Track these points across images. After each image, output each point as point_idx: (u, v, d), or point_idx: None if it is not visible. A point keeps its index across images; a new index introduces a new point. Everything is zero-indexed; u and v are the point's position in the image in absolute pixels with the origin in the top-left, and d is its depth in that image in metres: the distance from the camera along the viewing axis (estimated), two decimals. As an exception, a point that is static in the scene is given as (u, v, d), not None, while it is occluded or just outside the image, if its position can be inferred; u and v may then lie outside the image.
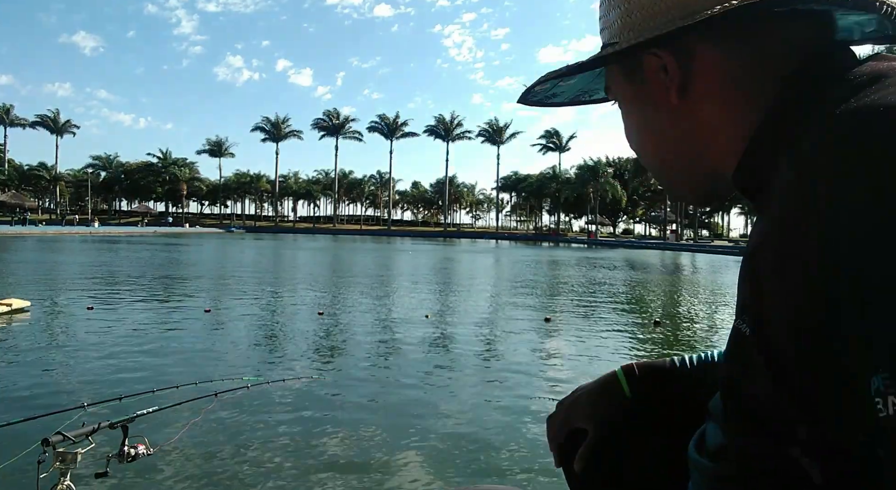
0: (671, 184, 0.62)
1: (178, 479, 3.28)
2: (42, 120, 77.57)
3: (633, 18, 0.56)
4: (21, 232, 41.52)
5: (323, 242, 44.73)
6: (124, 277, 14.71)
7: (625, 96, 0.61)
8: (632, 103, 0.60)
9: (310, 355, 6.63)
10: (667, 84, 0.55)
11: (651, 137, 0.60)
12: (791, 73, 0.52)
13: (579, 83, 0.69)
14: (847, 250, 0.37)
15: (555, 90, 0.68)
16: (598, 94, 0.72)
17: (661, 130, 0.58)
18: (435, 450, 3.86)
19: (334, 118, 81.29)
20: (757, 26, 0.53)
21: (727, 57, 0.53)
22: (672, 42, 0.54)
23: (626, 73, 0.59)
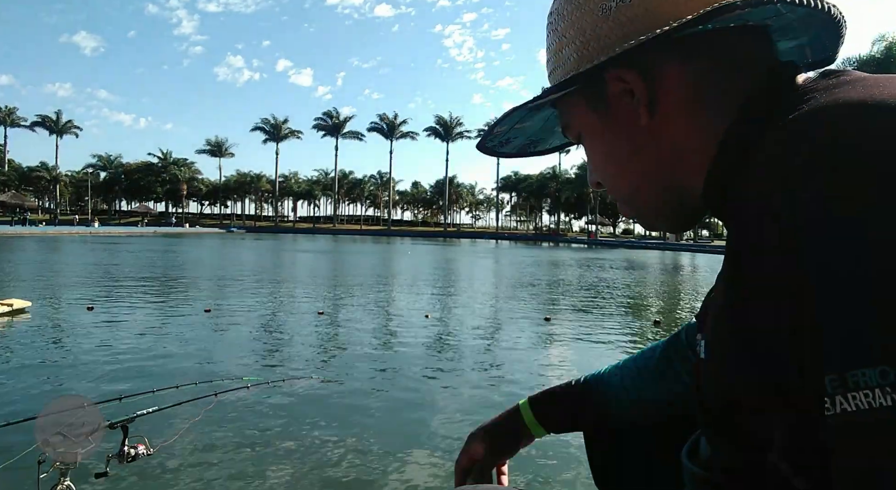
0: (646, 212, 0.61)
1: (178, 479, 3.28)
2: (43, 120, 77.54)
3: (590, 50, 0.55)
4: (21, 232, 41.52)
5: (323, 243, 44.72)
6: (124, 277, 14.71)
7: (589, 127, 0.60)
8: (597, 132, 0.59)
9: (310, 355, 6.63)
10: (633, 106, 0.55)
11: (621, 164, 0.59)
12: (749, 89, 0.53)
13: (531, 128, 0.69)
14: (809, 248, 0.39)
15: (510, 135, 0.69)
16: (544, 143, 0.73)
17: (631, 155, 0.58)
18: (435, 449, 3.86)
19: (334, 118, 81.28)
20: (712, 42, 0.53)
21: (689, 74, 0.54)
22: (636, 61, 0.54)
23: (589, 102, 0.58)
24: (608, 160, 0.60)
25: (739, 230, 0.47)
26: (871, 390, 0.35)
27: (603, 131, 0.59)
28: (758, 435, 0.47)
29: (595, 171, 0.62)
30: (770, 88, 0.52)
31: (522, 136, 0.71)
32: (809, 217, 0.39)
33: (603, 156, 0.60)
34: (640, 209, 0.61)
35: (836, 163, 0.39)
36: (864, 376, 0.35)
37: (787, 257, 0.40)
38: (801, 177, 0.40)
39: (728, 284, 0.48)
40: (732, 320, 0.47)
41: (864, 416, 0.36)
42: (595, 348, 7.49)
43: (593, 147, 0.61)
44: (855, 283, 0.37)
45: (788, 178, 0.41)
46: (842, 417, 0.36)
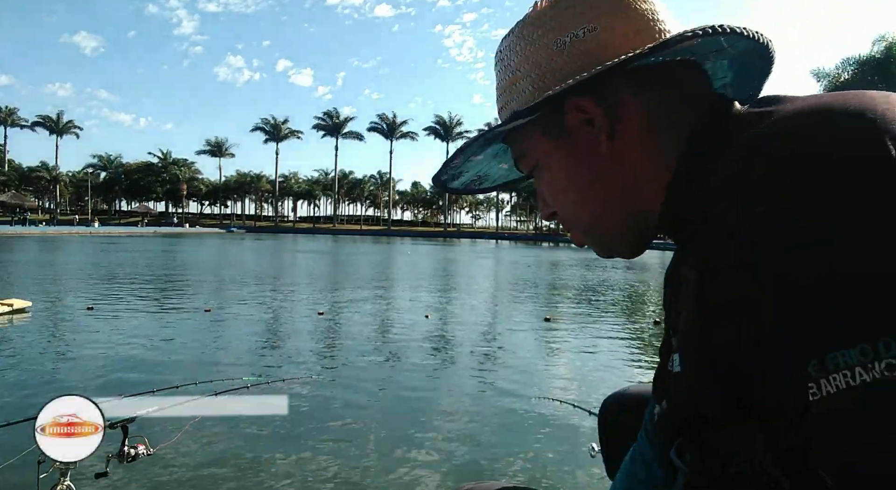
0: (608, 238, 0.62)
1: (178, 479, 3.29)
2: (43, 120, 77.52)
3: (546, 82, 0.57)
4: (21, 232, 41.52)
5: (323, 243, 44.73)
6: (124, 277, 14.71)
7: (547, 157, 0.60)
8: (557, 161, 0.60)
9: (310, 355, 6.63)
10: (594, 134, 0.57)
11: (583, 192, 0.60)
12: (693, 122, 0.56)
13: (479, 163, 0.70)
14: (764, 261, 0.41)
15: (463, 168, 0.70)
16: (488, 180, 0.75)
17: (592, 182, 0.59)
18: (435, 449, 3.86)
19: (334, 118, 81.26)
20: (662, 75, 0.57)
21: (643, 104, 0.57)
22: (594, 90, 0.56)
23: (547, 132, 0.59)
24: (569, 188, 0.61)
25: (696, 254, 0.50)
26: (851, 370, 0.37)
27: (563, 160, 0.60)
28: (720, 450, 0.50)
29: (552, 200, 0.63)
30: (712, 121, 0.55)
31: (471, 171, 0.72)
32: (765, 230, 0.41)
33: (563, 185, 0.61)
34: (601, 236, 0.62)
35: (794, 173, 0.41)
36: (843, 357, 0.37)
37: (742, 273, 0.43)
38: (756, 191, 0.43)
39: (692, 305, 0.51)
40: (698, 339, 0.50)
41: (849, 395, 0.37)
42: (595, 348, 7.48)
43: (552, 177, 0.61)
44: (820, 282, 0.39)
45: (745, 194, 0.44)
46: (827, 400, 0.38)
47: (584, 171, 0.59)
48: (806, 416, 0.39)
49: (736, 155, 0.47)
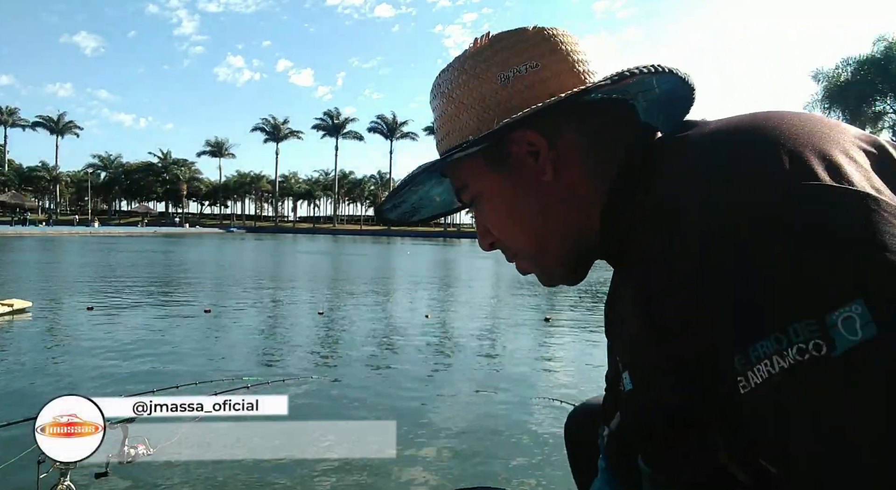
0: (550, 266, 0.64)
1: (178, 479, 3.29)
2: (44, 121, 77.50)
3: (490, 114, 0.59)
4: (21, 232, 41.52)
5: (323, 243, 44.72)
6: (124, 278, 14.71)
7: (490, 188, 0.62)
8: (500, 192, 0.61)
9: (310, 355, 6.63)
10: (539, 166, 0.59)
11: (527, 222, 0.61)
12: (627, 150, 0.59)
13: (417, 194, 0.72)
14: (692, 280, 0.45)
15: (404, 197, 0.71)
16: (422, 211, 0.77)
17: (538, 213, 0.60)
18: (434, 449, 3.86)
19: (334, 118, 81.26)
20: (599, 111, 0.60)
21: (583, 138, 0.60)
22: (538, 124, 0.58)
23: (490, 164, 0.61)
24: (513, 218, 0.62)
25: (633, 280, 0.54)
26: (769, 358, 0.40)
27: (507, 191, 0.61)
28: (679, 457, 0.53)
29: (496, 230, 0.64)
30: (639, 153, 0.59)
31: (408, 202, 0.73)
32: (689, 254, 0.45)
33: (507, 215, 0.62)
34: (545, 265, 0.64)
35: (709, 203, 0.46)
36: (762, 347, 0.40)
37: (676, 294, 0.46)
38: (676, 220, 0.47)
39: (637, 328, 0.54)
40: (647, 358, 0.53)
41: (771, 382, 0.40)
42: (595, 348, 7.48)
43: (494, 207, 0.62)
44: (738, 289, 0.42)
45: (666, 223, 0.48)
46: (755, 391, 0.41)
47: (529, 201, 0.60)
48: (741, 409, 0.42)
49: (658, 189, 0.52)
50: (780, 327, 0.40)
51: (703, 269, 0.44)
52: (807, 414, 0.38)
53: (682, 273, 0.46)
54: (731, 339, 0.42)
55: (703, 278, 0.44)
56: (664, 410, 0.52)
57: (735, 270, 0.42)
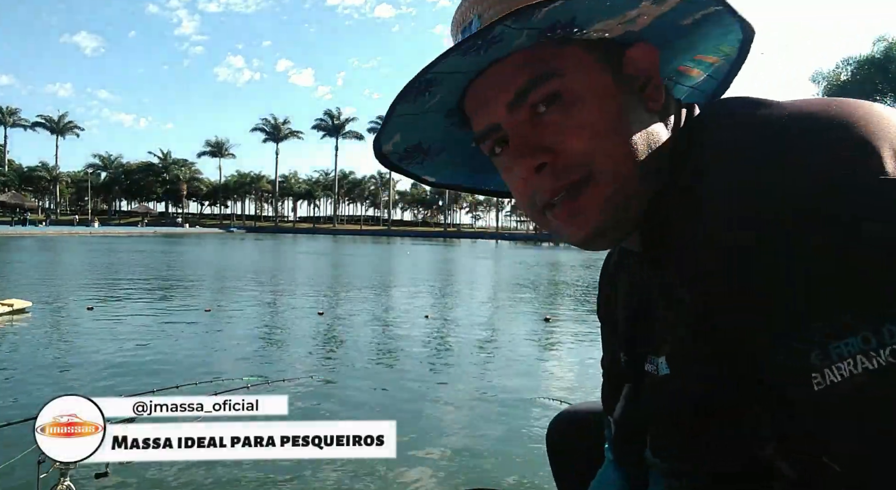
0: (601, 205, 0.52)
1: (178, 479, 3.29)
2: (44, 121, 77.49)
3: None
4: (21, 232, 41.52)
5: (323, 243, 44.72)
6: (124, 278, 14.71)
7: (591, 88, 0.51)
8: (602, 96, 0.51)
9: (310, 355, 6.63)
10: (648, 91, 0.53)
11: (620, 140, 0.51)
12: (676, 114, 0.56)
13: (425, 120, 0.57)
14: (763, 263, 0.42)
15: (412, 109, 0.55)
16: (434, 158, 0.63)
17: (635, 136, 0.52)
18: (434, 449, 3.86)
19: (334, 118, 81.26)
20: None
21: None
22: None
23: (604, 60, 0.52)
24: (608, 133, 0.51)
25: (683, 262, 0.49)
26: (853, 357, 0.38)
27: (613, 100, 0.52)
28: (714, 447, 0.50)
29: (568, 141, 0.51)
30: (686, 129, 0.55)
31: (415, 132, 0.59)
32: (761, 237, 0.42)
33: (605, 124, 0.51)
34: (602, 201, 0.52)
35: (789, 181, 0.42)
36: (847, 346, 0.38)
37: (739, 276, 0.43)
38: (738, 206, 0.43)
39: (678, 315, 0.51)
40: (687, 345, 0.50)
41: (853, 383, 0.38)
42: (595, 348, 7.47)
43: (593, 112, 0.51)
44: (822, 279, 0.40)
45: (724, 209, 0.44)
46: (831, 389, 0.39)
47: (630, 122, 0.51)
48: (810, 405, 0.40)
49: (714, 170, 0.47)
50: (872, 328, 0.38)
51: (774, 260, 0.41)
52: (889, 419, 0.37)
53: (749, 255, 0.42)
54: (808, 333, 0.40)
55: (778, 262, 0.41)
56: (698, 398, 0.50)
57: (819, 258, 0.40)
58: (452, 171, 0.69)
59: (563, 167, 0.51)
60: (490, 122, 0.54)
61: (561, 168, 0.51)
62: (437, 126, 0.59)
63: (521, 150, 0.52)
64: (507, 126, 0.53)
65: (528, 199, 0.55)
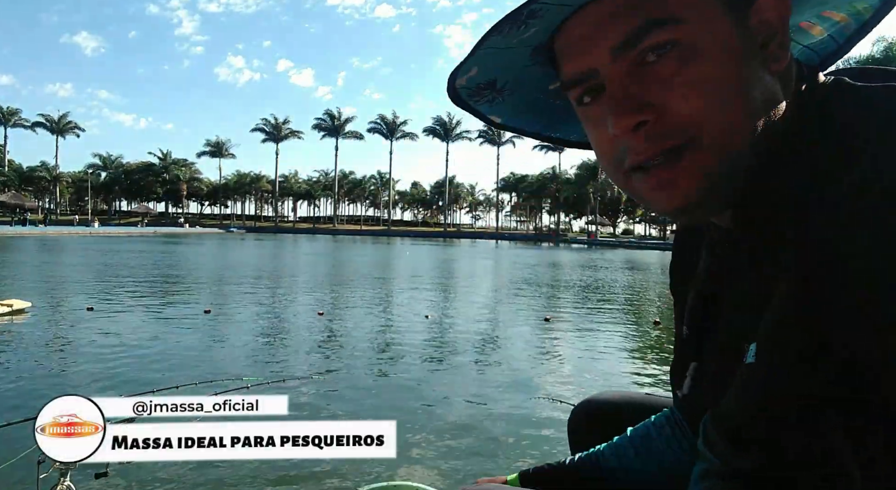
0: (702, 168, 0.46)
1: (178, 479, 3.28)
2: (44, 120, 77.49)
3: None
4: (21, 232, 41.50)
5: (323, 243, 44.73)
6: (124, 278, 14.70)
7: (715, 40, 0.45)
8: (725, 50, 0.45)
9: (310, 355, 6.63)
10: (776, 42, 0.47)
11: (740, 100, 0.45)
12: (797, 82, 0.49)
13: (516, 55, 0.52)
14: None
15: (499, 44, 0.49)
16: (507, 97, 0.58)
17: (755, 96, 0.46)
18: (435, 449, 3.86)
19: (335, 118, 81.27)
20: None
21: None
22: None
23: (732, 10, 0.46)
24: (722, 87, 0.45)
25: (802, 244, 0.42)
26: None
27: (736, 55, 0.45)
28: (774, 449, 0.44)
29: (688, 94, 0.45)
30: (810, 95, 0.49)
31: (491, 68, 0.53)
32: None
33: (727, 81, 0.45)
34: (705, 164, 0.46)
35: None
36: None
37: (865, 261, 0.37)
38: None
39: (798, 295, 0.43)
40: (784, 335, 0.43)
41: None
42: (595, 349, 7.49)
43: (704, 65, 0.45)
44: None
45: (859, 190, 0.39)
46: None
47: (753, 81, 0.46)
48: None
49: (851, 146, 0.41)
50: None
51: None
52: None
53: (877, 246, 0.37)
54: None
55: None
56: (782, 394, 0.43)
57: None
58: (522, 115, 0.62)
59: (665, 128, 0.46)
60: (587, 67, 0.48)
61: (662, 129, 0.46)
62: (518, 63, 0.53)
63: (620, 103, 0.46)
64: (606, 73, 0.47)
65: (614, 158, 0.49)
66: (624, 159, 0.48)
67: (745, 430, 0.47)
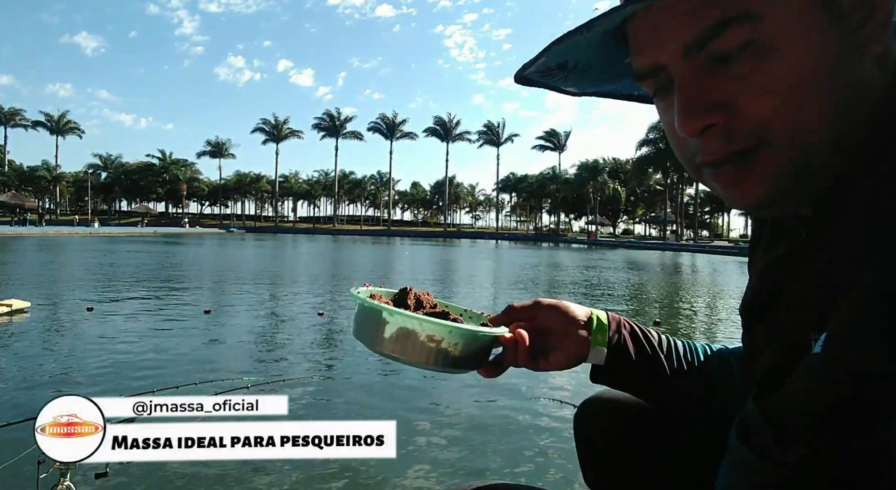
0: (780, 168, 0.44)
1: (178, 479, 3.28)
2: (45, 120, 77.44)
3: None
4: (21, 232, 41.51)
5: (323, 243, 44.73)
6: (124, 278, 14.71)
7: (797, 35, 0.41)
8: (811, 45, 0.41)
9: (310, 355, 6.63)
10: (876, 21, 0.42)
11: (816, 102, 0.42)
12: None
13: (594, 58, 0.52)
14: None
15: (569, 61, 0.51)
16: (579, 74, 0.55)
17: (842, 88, 0.42)
18: (435, 449, 3.86)
19: (335, 119, 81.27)
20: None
21: None
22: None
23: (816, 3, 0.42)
24: (807, 87, 0.41)
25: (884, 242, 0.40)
26: None
27: (824, 49, 0.41)
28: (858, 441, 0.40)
29: (769, 95, 0.42)
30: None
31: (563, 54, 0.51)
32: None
33: (812, 76, 0.41)
34: (770, 174, 0.44)
35: None
36: None
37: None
38: None
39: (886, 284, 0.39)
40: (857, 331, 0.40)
41: None
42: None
43: (784, 62, 0.41)
44: None
45: None
46: None
47: (837, 79, 0.42)
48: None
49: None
50: None
51: None
52: None
53: None
54: None
55: None
56: (846, 389, 0.40)
57: None
58: (598, 83, 0.60)
59: (737, 131, 0.43)
60: (656, 62, 0.46)
61: (734, 132, 0.43)
62: (590, 45, 0.51)
63: (687, 106, 0.44)
64: (675, 72, 0.45)
65: (686, 152, 0.48)
66: (696, 153, 0.47)
67: (798, 421, 0.44)
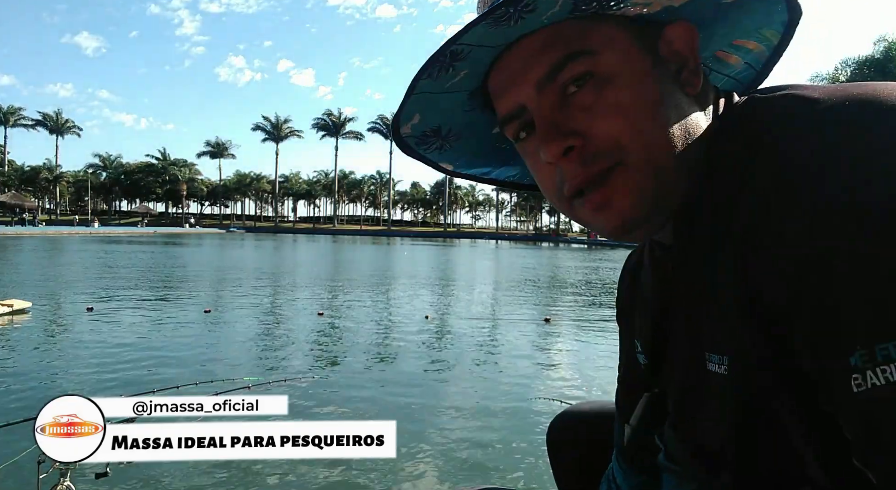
0: (636, 190, 0.49)
1: (178, 479, 3.28)
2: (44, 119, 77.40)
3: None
4: (21, 232, 41.51)
5: (323, 243, 44.73)
6: (124, 278, 14.71)
7: (628, 68, 0.48)
8: (640, 77, 0.48)
9: (310, 355, 6.63)
10: (686, 74, 0.50)
11: (659, 124, 0.48)
12: (715, 98, 0.53)
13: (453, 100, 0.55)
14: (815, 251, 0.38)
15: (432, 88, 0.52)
16: (454, 144, 0.60)
17: (673, 119, 0.49)
18: (435, 449, 3.86)
19: (334, 118, 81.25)
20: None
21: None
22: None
23: (640, 40, 0.49)
24: (647, 114, 0.48)
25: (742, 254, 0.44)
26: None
27: (651, 81, 0.49)
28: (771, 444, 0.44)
29: (612, 122, 0.48)
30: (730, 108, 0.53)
31: (432, 116, 0.56)
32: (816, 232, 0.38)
33: (644, 106, 0.48)
34: (637, 184, 0.49)
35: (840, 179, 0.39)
36: (895, 349, 0.34)
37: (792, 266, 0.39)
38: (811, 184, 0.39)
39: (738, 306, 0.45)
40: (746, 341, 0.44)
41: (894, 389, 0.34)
42: (595, 349, 7.48)
43: (622, 93, 0.48)
44: (881, 263, 0.36)
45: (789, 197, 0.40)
46: (871, 392, 0.35)
47: (669, 105, 0.49)
48: (849, 409, 0.37)
49: (777, 148, 0.42)
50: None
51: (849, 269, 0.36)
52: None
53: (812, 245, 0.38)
54: (854, 329, 0.36)
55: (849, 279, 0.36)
56: (750, 401, 0.45)
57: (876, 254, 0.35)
58: (472, 160, 0.65)
59: (592, 152, 0.48)
60: (517, 103, 0.51)
61: (590, 153, 0.48)
62: (458, 108, 0.56)
63: (548, 132, 0.49)
64: (533, 107, 0.50)
65: (555, 189, 0.52)
66: (563, 184, 0.51)
67: (715, 445, 0.49)
